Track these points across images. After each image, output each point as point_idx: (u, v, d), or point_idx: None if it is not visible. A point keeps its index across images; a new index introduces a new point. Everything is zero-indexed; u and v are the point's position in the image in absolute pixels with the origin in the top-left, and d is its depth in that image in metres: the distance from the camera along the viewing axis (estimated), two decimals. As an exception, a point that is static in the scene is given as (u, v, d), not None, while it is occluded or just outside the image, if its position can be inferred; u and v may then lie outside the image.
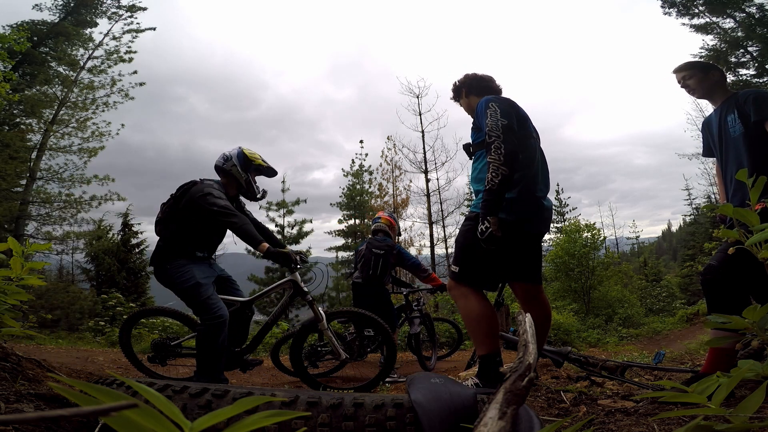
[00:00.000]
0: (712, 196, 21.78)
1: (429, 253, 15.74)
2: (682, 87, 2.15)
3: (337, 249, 19.57)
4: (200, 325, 2.40)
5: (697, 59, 2.27)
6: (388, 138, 17.16)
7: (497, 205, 1.84)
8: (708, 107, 2.21)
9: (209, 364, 2.35)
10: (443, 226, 15.86)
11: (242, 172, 2.68)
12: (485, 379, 1.88)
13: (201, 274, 2.50)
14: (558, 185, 23.83)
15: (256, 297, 2.74)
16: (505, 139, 1.82)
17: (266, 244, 2.46)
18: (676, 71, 2.16)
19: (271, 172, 2.88)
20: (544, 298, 2.15)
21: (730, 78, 13.89)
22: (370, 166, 19.49)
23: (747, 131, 1.85)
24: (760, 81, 13.51)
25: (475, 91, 2.31)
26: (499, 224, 1.86)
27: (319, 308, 2.75)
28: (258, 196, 2.80)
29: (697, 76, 2.07)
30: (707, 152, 2.18)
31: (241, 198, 2.88)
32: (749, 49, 13.50)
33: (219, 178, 2.74)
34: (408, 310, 4.63)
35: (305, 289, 2.77)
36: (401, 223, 18.51)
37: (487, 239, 1.83)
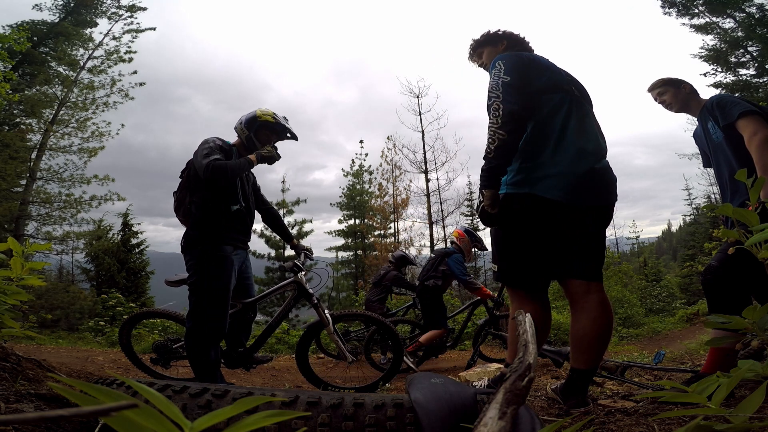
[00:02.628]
0: (712, 196, 21.79)
1: (429, 253, 15.73)
2: (658, 103, 2.23)
3: (337, 249, 19.58)
4: (187, 329, 2.25)
5: (667, 76, 2.35)
6: (388, 138, 17.13)
7: (494, 176, 1.59)
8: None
9: (199, 368, 2.24)
10: (443, 226, 15.85)
11: (245, 129, 2.48)
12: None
13: (232, 281, 2.31)
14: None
15: (259, 298, 2.68)
16: (504, 98, 1.55)
17: (254, 155, 2.34)
18: (650, 89, 2.25)
19: (279, 128, 2.53)
20: (598, 299, 1.59)
21: (729, 78, 13.90)
22: (370, 166, 19.52)
23: (726, 135, 1.91)
24: (760, 81, 13.51)
25: (498, 47, 1.96)
26: (515, 200, 1.63)
27: (325, 311, 2.72)
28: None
29: (670, 91, 2.16)
30: (707, 163, 2.21)
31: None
32: (749, 49, 13.50)
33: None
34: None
35: (310, 291, 2.73)
36: (401, 224, 18.59)
37: (481, 216, 1.64)
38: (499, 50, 1.94)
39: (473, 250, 4.77)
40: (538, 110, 1.65)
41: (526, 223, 1.64)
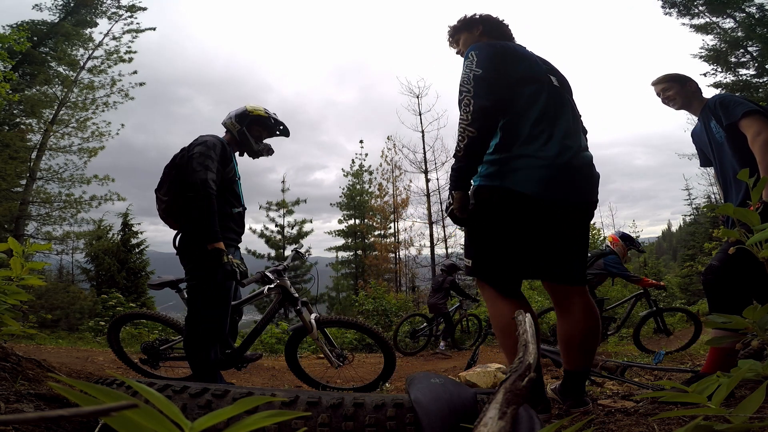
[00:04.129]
0: (712, 196, 21.79)
1: (429, 253, 15.73)
2: (661, 99, 2.22)
3: (337, 249, 19.59)
4: (188, 331, 2.23)
5: (673, 72, 2.32)
6: (388, 138, 17.15)
7: (463, 176, 1.50)
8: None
9: (201, 369, 2.23)
10: (443, 226, 15.86)
11: (236, 124, 2.41)
12: None
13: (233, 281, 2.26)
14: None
15: (242, 302, 2.67)
16: (476, 92, 1.47)
17: (222, 245, 2.11)
18: (655, 84, 2.23)
19: (272, 123, 2.50)
20: (581, 303, 1.58)
21: (729, 78, 13.91)
22: (370, 166, 19.57)
23: (728, 135, 1.90)
24: (760, 81, 13.51)
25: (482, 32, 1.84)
26: (486, 192, 1.53)
27: (311, 317, 2.70)
28: (256, 148, 2.48)
29: (675, 88, 2.14)
30: (704, 162, 2.21)
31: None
32: (749, 49, 13.50)
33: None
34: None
35: (295, 295, 2.68)
36: (401, 224, 18.59)
37: (450, 218, 1.56)
38: (475, 36, 1.84)
39: (629, 251, 5.16)
40: (512, 102, 1.56)
41: (498, 217, 1.54)
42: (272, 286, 2.65)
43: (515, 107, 1.56)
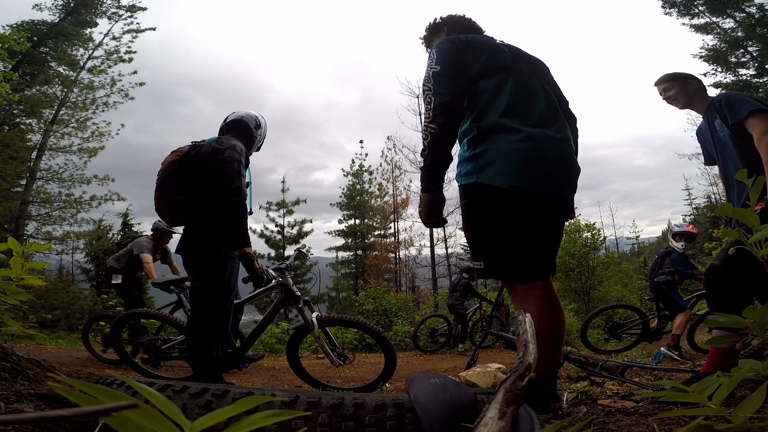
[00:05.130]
0: (712, 196, 21.79)
1: (429, 253, 15.73)
2: (664, 99, 2.21)
3: (337, 249, 19.61)
4: (191, 331, 2.22)
5: (675, 71, 2.31)
6: (388, 138, 17.16)
7: (431, 176, 1.49)
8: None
9: (203, 369, 2.22)
10: (443, 226, 15.86)
11: (258, 145, 2.54)
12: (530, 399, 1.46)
13: (236, 281, 2.30)
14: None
15: (244, 301, 2.70)
16: (435, 89, 1.46)
17: (251, 249, 2.21)
18: (657, 84, 2.23)
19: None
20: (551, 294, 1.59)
21: (729, 78, 13.91)
22: (370, 166, 19.57)
23: (733, 134, 1.89)
24: (760, 81, 13.52)
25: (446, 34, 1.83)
26: (467, 191, 1.51)
27: (312, 315, 2.72)
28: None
29: (676, 87, 2.14)
30: (708, 161, 2.20)
31: None
32: (749, 49, 13.51)
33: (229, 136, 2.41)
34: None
35: (297, 293, 2.71)
36: (401, 224, 18.61)
37: (422, 220, 1.57)
38: (443, 38, 1.77)
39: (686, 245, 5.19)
40: (477, 95, 1.52)
41: (485, 213, 1.49)
42: (275, 283, 2.68)
43: (481, 99, 1.52)
